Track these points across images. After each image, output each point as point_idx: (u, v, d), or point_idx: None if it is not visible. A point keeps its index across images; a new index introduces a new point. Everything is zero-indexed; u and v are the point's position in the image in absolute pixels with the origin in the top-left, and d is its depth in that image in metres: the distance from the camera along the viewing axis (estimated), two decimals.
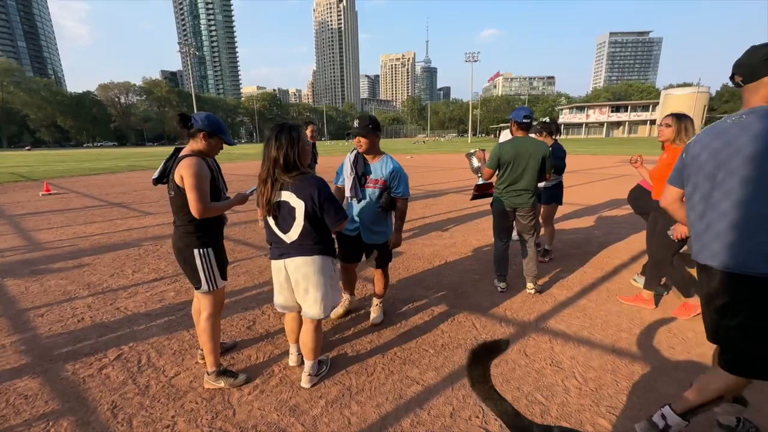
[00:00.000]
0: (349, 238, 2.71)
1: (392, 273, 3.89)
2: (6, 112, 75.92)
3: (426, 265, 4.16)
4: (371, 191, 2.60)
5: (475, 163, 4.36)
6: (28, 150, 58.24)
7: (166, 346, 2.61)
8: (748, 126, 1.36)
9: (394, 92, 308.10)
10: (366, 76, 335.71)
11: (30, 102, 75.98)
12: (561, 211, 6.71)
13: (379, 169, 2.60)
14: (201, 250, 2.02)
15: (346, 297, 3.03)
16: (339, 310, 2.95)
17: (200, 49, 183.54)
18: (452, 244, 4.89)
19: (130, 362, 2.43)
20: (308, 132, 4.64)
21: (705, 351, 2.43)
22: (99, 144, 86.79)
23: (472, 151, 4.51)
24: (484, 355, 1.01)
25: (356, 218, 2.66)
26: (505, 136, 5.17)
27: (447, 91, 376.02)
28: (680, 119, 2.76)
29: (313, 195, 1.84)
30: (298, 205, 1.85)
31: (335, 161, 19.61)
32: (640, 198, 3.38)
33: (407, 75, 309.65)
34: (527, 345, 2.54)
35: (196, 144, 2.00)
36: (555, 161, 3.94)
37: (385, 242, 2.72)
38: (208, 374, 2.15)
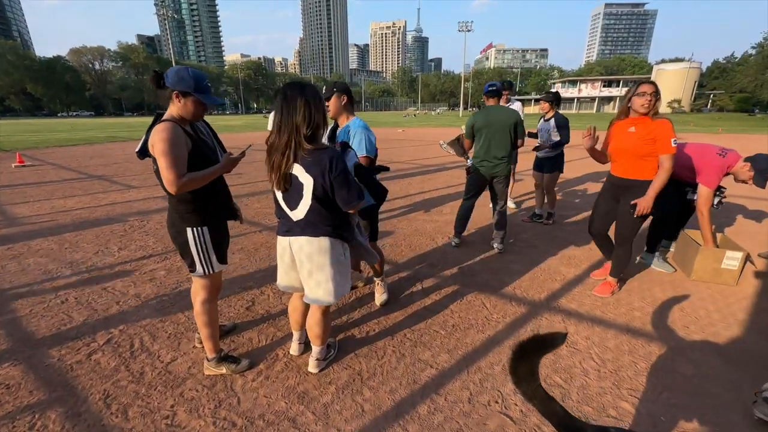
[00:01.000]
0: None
1: (396, 251, 3.76)
2: None
3: (429, 242, 4.03)
4: None
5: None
6: None
7: (160, 329, 2.45)
8: None
9: (384, 63, 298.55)
10: (355, 45, 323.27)
11: None
12: (563, 186, 6.64)
13: (345, 133, 2.47)
14: (195, 229, 1.80)
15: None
16: None
17: (179, 12, 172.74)
18: (453, 220, 4.75)
19: (122, 347, 2.27)
20: None
21: (718, 330, 2.40)
22: (75, 114, 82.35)
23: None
24: (535, 349, 0.88)
25: None
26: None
27: (438, 62, 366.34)
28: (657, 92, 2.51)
29: (324, 172, 1.59)
30: (307, 182, 1.62)
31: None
32: None
33: (398, 45, 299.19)
34: (540, 325, 2.47)
35: (173, 107, 1.70)
36: (560, 131, 4.30)
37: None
38: (207, 360, 2.00)
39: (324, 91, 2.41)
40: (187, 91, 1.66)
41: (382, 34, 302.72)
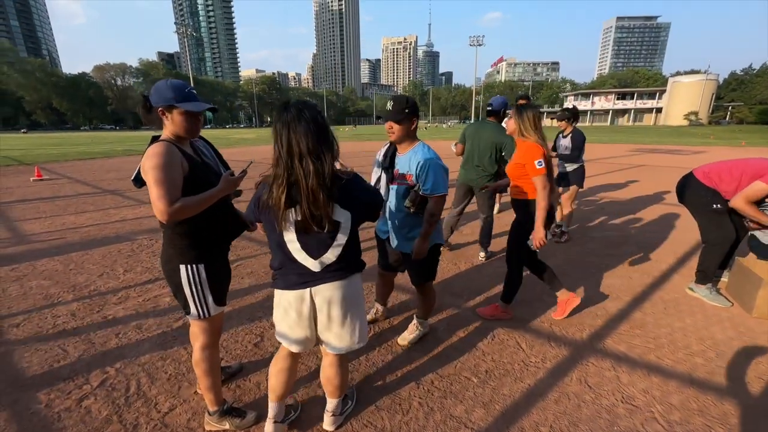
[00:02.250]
0: (386, 242, 2.33)
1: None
2: (0, 93, 74.30)
3: (450, 267, 3.75)
4: (396, 188, 2.15)
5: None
6: (24, 133, 57.21)
7: (160, 369, 2.22)
8: None
9: (395, 77, 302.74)
10: (367, 60, 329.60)
11: (25, 84, 74.26)
12: (588, 205, 6.29)
13: (407, 162, 2.08)
14: (189, 266, 1.55)
15: (376, 307, 2.70)
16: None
17: (198, 30, 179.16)
18: (474, 242, 4.47)
19: (117, 390, 2.03)
20: None
21: None
22: (99, 127, 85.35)
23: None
24: None
25: (387, 220, 2.25)
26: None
27: (449, 76, 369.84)
28: (520, 112, 2.50)
29: (357, 201, 1.39)
30: (344, 219, 1.36)
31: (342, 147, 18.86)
32: (693, 189, 2.98)
33: (409, 59, 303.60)
34: (588, 373, 2.14)
35: (165, 128, 1.51)
36: (572, 151, 4.36)
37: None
38: (209, 414, 1.75)
39: (390, 108, 2.03)
40: (169, 104, 1.45)
41: (393, 49, 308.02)
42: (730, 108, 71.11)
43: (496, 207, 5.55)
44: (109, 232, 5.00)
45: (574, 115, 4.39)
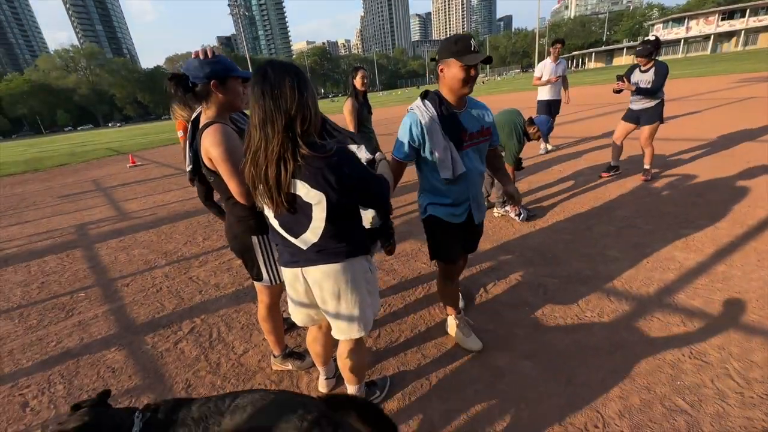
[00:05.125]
0: (454, 227, 1.83)
1: None
2: (97, 93, 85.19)
3: (500, 223, 3.63)
4: (476, 150, 1.75)
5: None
6: (119, 127, 65.58)
7: (235, 320, 2.56)
8: None
9: (447, 30, 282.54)
10: (417, 15, 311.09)
11: (114, 82, 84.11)
12: (668, 151, 5.51)
13: (476, 117, 1.73)
14: (260, 237, 1.60)
15: (453, 320, 2.10)
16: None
17: (249, 9, 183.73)
18: (528, 197, 4.23)
19: (202, 336, 2.41)
20: (358, 79, 3.80)
21: None
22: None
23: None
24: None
25: (465, 196, 1.79)
26: (542, 66, 6.09)
27: (508, 20, 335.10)
28: None
29: (338, 181, 1.15)
30: (316, 201, 1.17)
31: (392, 112, 18.63)
32: None
33: (462, 7, 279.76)
34: (651, 328, 2.00)
35: (212, 104, 1.48)
36: (658, 82, 3.97)
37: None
38: (274, 357, 2.00)
39: (473, 46, 1.55)
40: (226, 74, 1.46)
41: None
42: None
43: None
44: (190, 207, 5.67)
45: (656, 47, 4.00)
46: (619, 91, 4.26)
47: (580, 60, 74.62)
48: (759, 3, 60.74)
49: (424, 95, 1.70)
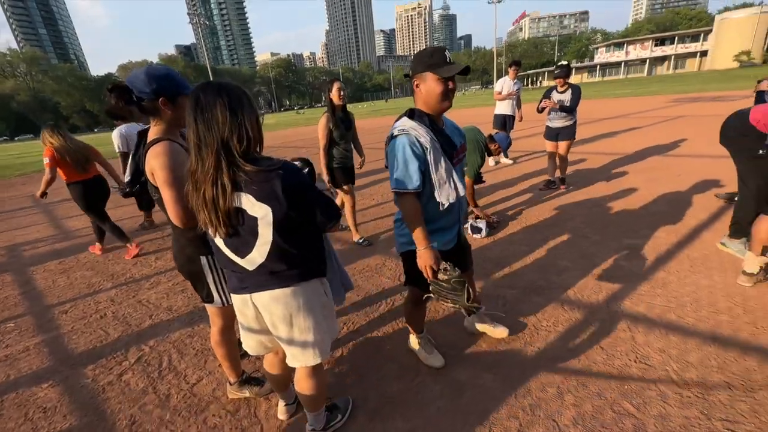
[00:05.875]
0: (443, 254, 1.68)
1: None
2: (39, 101, 78.78)
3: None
4: (460, 167, 1.71)
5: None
6: None
7: (188, 345, 2.40)
8: None
9: (411, 46, 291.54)
10: (381, 31, 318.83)
11: (59, 89, 78.21)
12: (613, 165, 5.95)
13: (455, 132, 1.70)
14: (210, 257, 1.51)
15: (415, 338, 2.07)
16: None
17: (210, 19, 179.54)
18: (488, 210, 4.38)
19: (151, 365, 2.23)
20: (335, 92, 3.38)
21: None
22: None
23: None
24: None
25: (456, 218, 1.73)
26: (501, 82, 6.54)
27: (468, 39, 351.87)
28: None
29: (285, 188, 1.12)
30: (262, 214, 1.14)
31: (376, 123, 18.56)
32: (740, 131, 2.74)
33: (425, 26, 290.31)
34: (601, 334, 2.10)
35: (161, 120, 1.42)
36: (573, 102, 4.58)
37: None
38: (230, 384, 1.89)
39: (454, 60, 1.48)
40: (176, 93, 1.41)
41: (407, 16, 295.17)
42: None
43: None
44: (158, 225, 5.32)
45: (570, 71, 4.68)
46: (541, 110, 4.73)
47: (535, 78, 79.51)
48: (684, 32, 68.36)
49: (411, 115, 1.57)
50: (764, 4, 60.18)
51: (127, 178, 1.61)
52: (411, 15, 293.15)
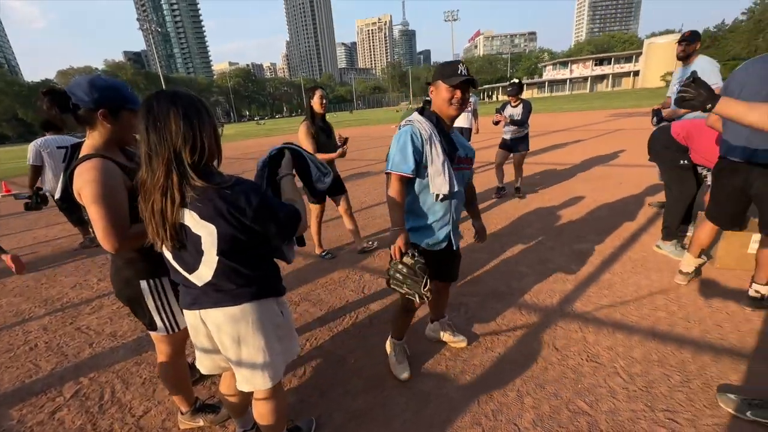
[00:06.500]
0: (432, 255, 1.77)
1: (378, 260, 3.51)
2: None
3: None
4: (460, 175, 1.78)
5: None
6: None
7: (135, 374, 2.21)
8: None
9: (372, 59, 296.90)
10: (342, 44, 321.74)
11: None
12: (562, 175, 6.37)
13: (462, 144, 1.82)
14: (151, 281, 1.44)
15: (392, 342, 2.08)
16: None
17: (163, 26, 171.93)
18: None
19: (90, 399, 2.02)
20: (316, 100, 3.25)
21: (755, 326, 2.14)
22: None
23: None
24: None
25: (447, 219, 1.78)
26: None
27: (427, 54, 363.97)
28: None
29: (233, 213, 1.07)
30: (206, 233, 1.09)
31: (356, 132, 18.49)
32: (664, 144, 3.08)
33: (385, 40, 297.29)
34: (556, 336, 2.21)
35: (97, 133, 1.32)
36: (525, 116, 5.00)
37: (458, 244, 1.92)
38: (182, 413, 1.76)
39: (466, 71, 1.61)
40: (121, 106, 1.32)
41: (368, 30, 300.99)
42: None
43: None
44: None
45: (521, 87, 5.08)
46: (497, 123, 5.08)
47: (490, 92, 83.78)
48: (620, 54, 75.41)
49: (421, 110, 1.74)
50: (683, 32, 68.09)
51: (57, 195, 1.47)
52: (371, 29, 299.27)
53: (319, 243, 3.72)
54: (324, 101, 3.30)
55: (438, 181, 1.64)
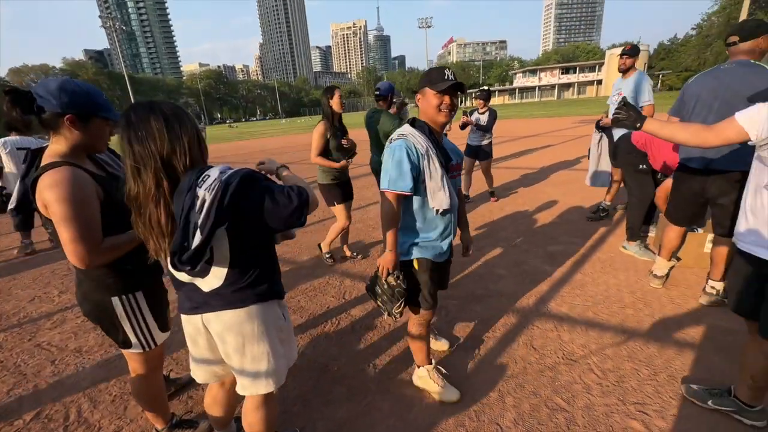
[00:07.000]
0: (438, 266, 1.76)
1: (359, 265, 3.51)
2: None
3: None
4: (453, 183, 1.73)
5: None
6: None
7: (103, 391, 2.09)
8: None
9: (348, 63, 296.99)
10: (317, 47, 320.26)
11: None
12: (534, 179, 6.60)
13: (452, 150, 1.77)
14: (124, 297, 1.35)
15: (426, 370, 1.92)
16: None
17: (128, 24, 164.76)
18: None
19: (54, 421, 1.89)
20: (335, 100, 3.09)
21: (715, 322, 2.30)
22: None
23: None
24: None
25: (450, 230, 1.74)
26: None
27: (402, 60, 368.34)
28: None
29: (237, 197, 1.01)
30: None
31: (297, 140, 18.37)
32: (625, 150, 3.31)
33: (360, 45, 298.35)
34: (533, 336, 2.28)
35: (62, 139, 1.23)
36: (490, 123, 5.18)
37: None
38: (157, 431, 1.68)
39: (455, 78, 1.58)
40: (92, 112, 1.25)
41: (343, 35, 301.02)
42: (660, 76, 76.81)
43: None
44: (41, 252, 4.57)
45: (490, 94, 5.28)
46: (464, 126, 5.24)
47: (462, 99, 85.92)
48: (584, 64, 79.35)
49: (413, 122, 1.65)
50: (641, 44, 72.64)
51: (12, 205, 1.37)
52: (346, 34, 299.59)
53: (329, 243, 3.56)
54: (343, 101, 3.20)
55: (439, 196, 1.58)
